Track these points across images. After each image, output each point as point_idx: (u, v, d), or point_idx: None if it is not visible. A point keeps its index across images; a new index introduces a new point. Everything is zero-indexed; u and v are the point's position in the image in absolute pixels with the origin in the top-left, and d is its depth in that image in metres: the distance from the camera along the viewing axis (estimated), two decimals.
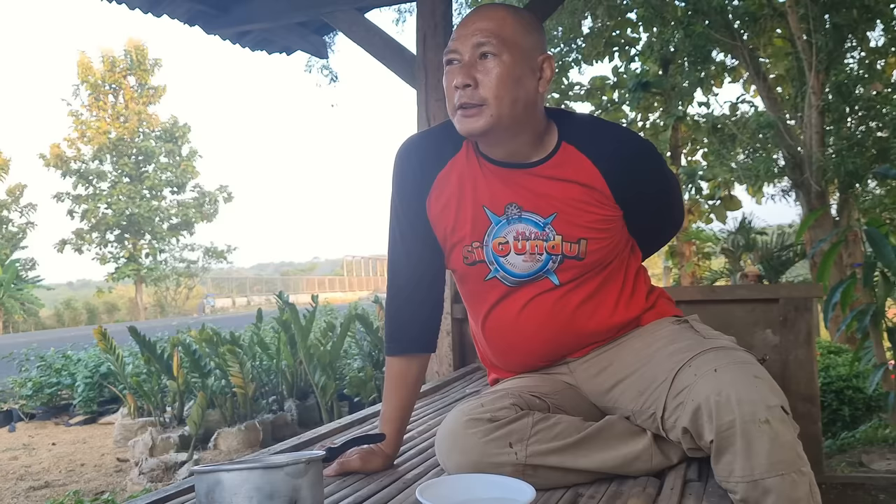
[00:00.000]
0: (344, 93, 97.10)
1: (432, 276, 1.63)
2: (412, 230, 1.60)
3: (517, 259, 1.53)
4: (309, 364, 5.37)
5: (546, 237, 1.51)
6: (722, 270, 12.63)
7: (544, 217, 1.50)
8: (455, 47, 1.43)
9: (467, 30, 1.42)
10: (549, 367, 1.65)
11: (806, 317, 2.90)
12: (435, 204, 1.57)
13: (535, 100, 1.46)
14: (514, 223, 1.52)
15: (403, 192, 1.60)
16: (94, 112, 27.93)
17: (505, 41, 1.40)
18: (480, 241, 1.55)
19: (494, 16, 1.42)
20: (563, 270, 1.53)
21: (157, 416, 5.39)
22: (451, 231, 1.58)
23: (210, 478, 1.18)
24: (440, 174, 1.56)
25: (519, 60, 1.41)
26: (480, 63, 1.40)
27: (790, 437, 1.23)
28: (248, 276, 47.29)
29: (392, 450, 1.65)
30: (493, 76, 1.39)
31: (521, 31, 1.43)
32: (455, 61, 1.43)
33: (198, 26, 3.89)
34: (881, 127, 8.62)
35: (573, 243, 1.50)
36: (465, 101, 1.41)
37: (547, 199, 1.50)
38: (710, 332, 1.52)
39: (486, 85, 1.40)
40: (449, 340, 3.31)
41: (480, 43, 1.40)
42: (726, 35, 9.05)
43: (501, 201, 1.52)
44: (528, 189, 1.51)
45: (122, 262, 27.86)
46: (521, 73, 1.42)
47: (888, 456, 3.68)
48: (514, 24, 1.43)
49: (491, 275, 1.57)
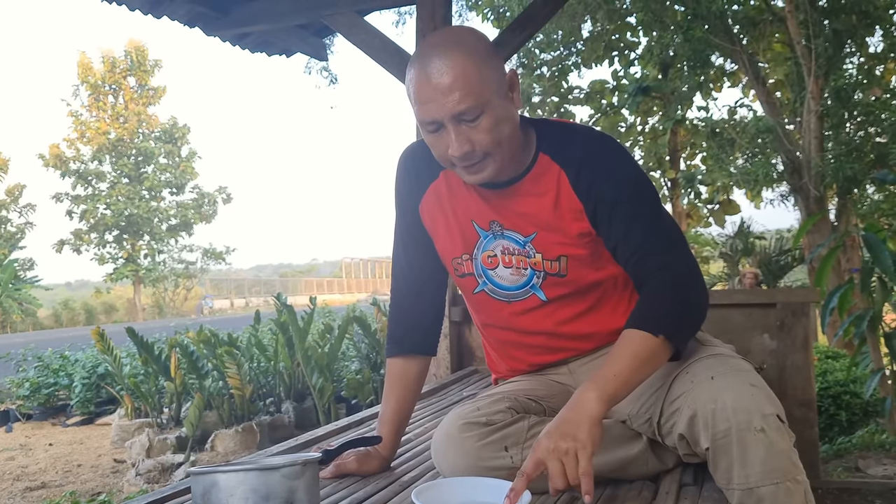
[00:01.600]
0: (343, 95, 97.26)
1: (433, 280, 1.64)
2: (411, 236, 1.62)
3: (506, 272, 1.53)
4: (306, 366, 5.37)
5: (528, 254, 1.50)
6: (720, 275, 12.64)
7: (525, 236, 1.49)
8: (434, 117, 1.33)
9: (438, 102, 1.31)
10: (550, 366, 1.65)
11: (803, 322, 2.90)
12: (427, 214, 1.58)
13: (517, 119, 1.42)
14: (499, 238, 1.52)
15: (401, 198, 1.62)
16: (94, 112, 27.93)
17: (480, 95, 1.31)
18: (470, 255, 1.55)
19: (459, 75, 1.30)
20: (548, 287, 1.52)
21: (154, 418, 5.39)
22: (442, 242, 1.59)
23: (206, 479, 1.19)
24: (433, 184, 1.56)
25: (496, 101, 1.34)
26: (466, 125, 1.33)
27: (785, 446, 1.23)
28: (247, 278, 47.25)
29: (389, 452, 1.66)
30: (486, 132, 1.33)
31: (485, 69, 1.33)
32: (438, 129, 1.35)
33: (198, 28, 3.89)
34: (880, 132, 8.63)
35: (553, 261, 1.49)
36: (468, 163, 1.36)
37: (526, 219, 1.48)
38: (709, 339, 1.52)
39: (482, 143, 1.34)
40: (447, 343, 3.31)
41: (460, 112, 1.31)
42: (726, 40, 9.06)
43: (486, 218, 1.51)
44: (508, 208, 1.49)
45: (120, 263, 27.84)
46: (502, 110, 1.36)
47: (884, 461, 3.68)
48: (475, 68, 1.31)
49: (479, 288, 1.57)
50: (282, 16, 3.80)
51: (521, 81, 10.31)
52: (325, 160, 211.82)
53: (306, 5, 3.71)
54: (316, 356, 5.37)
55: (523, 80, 12.03)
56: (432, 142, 1.38)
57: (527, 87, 12.04)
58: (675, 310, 1.33)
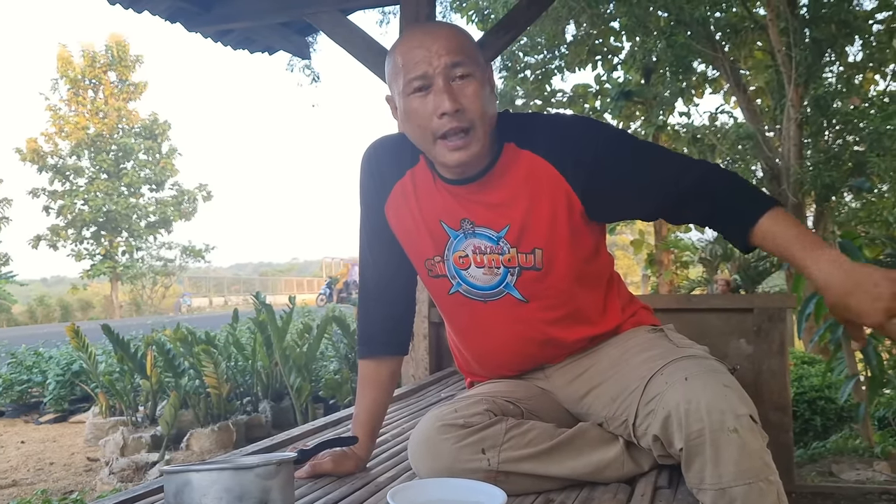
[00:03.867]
0: (325, 93, 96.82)
1: (399, 278, 1.62)
2: (377, 236, 1.60)
3: (478, 272, 1.51)
4: (284, 365, 5.34)
5: (501, 251, 1.47)
6: (699, 279, 12.72)
7: (497, 231, 1.46)
8: (423, 71, 1.31)
9: (430, 51, 1.32)
10: (526, 371, 1.65)
11: (780, 327, 2.93)
12: (393, 213, 1.56)
13: (496, 112, 1.42)
14: (470, 237, 1.49)
15: (365, 195, 1.60)
16: (73, 107, 27.61)
17: (474, 59, 1.35)
18: (441, 256, 1.53)
19: (454, 34, 1.35)
20: (524, 284, 1.49)
21: (129, 416, 5.34)
22: (410, 242, 1.56)
23: (179, 478, 1.17)
24: (398, 184, 1.54)
25: (484, 77, 1.37)
26: (457, 85, 1.32)
27: (758, 446, 1.23)
28: (226, 276, 46.95)
29: (365, 452, 1.65)
30: (475, 97, 1.33)
31: (476, 48, 1.39)
32: (425, 87, 1.33)
33: (179, 23, 3.86)
34: (858, 141, 8.74)
35: (528, 254, 1.46)
36: (455, 126, 1.33)
37: (498, 211, 1.45)
38: (684, 341, 1.52)
39: (471, 108, 1.32)
40: (426, 344, 3.30)
41: (455, 63, 1.31)
42: (708, 46, 9.14)
43: (456, 217, 1.49)
44: (479, 203, 1.46)
45: (97, 259, 27.52)
46: (489, 90, 1.38)
47: (857, 466, 3.72)
48: (470, 40, 1.38)
49: (453, 289, 1.55)
50: (264, 13, 3.78)
51: (504, 84, 10.31)
52: (306, 159, 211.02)
53: (289, 3, 3.69)
54: (294, 356, 5.35)
55: (507, 82, 12.06)
56: (417, 106, 1.35)
57: (510, 90, 12.06)
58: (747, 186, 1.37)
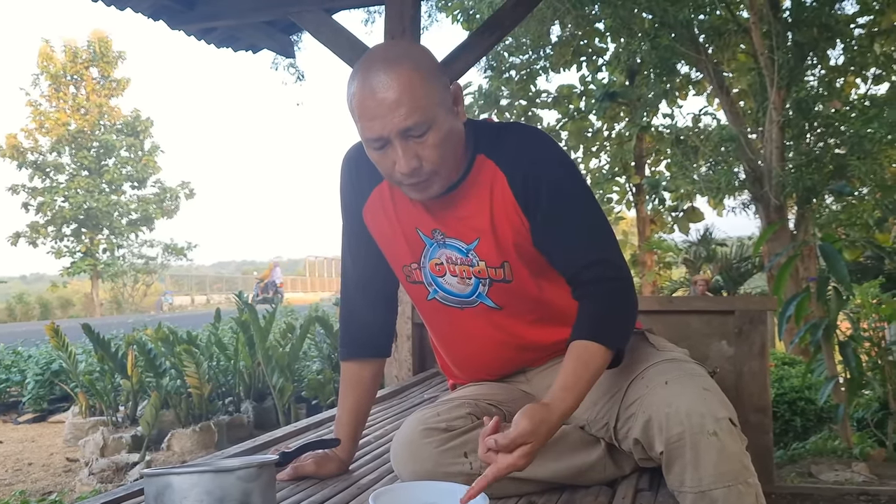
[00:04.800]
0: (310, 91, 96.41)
1: (380, 281, 1.62)
2: (356, 237, 1.60)
3: (453, 280, 1.51)
4: (267, 365, 5.31)
5: (471, 263, 1.48)
6: (682, 280, 12.80)
7: (467, 244, 1.47)
8: (379, 133, 1.29)
9: (385, 118, 1.27)
10: (508, 375, 1.66)
11: (760, 329, 2.95)
12: (371, 218, 1.56)
13: (463, 133, 1.40)
14: (442, 248, 1.50)
15: (345, 200, 1.60)
16: (54, 103, 27.32)
17: (426, 109, 1.28)
18: (418, 263, 1.53)
19: (405, 93, 1.27)
20: (496, 294, 1.50)
21: (109, 416, 5.29)
22: (388, 248, 1.57)
23: (160, 481, 1.16)
24: (375, 190, 1.53)
25: (443, 115, 1.32)
26: (414, 141, 1.30)
27: (737, 449, 1.25)
28: (209, 274, 46.66)
29: (347, 455, 1.64)
30: (433, 148, 1.31)
31: (430, 84, 1.30)
32: (383, 146, 1.32)
33: (162, 21, 3.83)
34: (839, 144, 8.82)
35: (497, 268, 1.47)
36: (413, 181, 1.34)
37: (467, 223, 1.45)
38: (664, 345, 1.53)
39: (429, 158, 1.31)
40: (409, 345, 3.30)
41: (407, 128, 1.27)
42: (691, 48, 9.19)
43: (428, 226, 1.49)
44: (449, 215, 1.46)
45: (78, 257, 27.24)
46: (449, 125, 1.33)
47: (836, 467, 3.75)
48: (422, 82, 1.28)
49: (430, 296, 1.56)
50: (249, 11, 3.77)
51: (489, 84, 10.29)
52: (290, 157, 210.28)
53: (274, 2, 3.67)
54: (277, 356, 5.32)
55: (492, 82, 12.07)
56: (378, 159, 1.35)
57: (495, 90, 12.08)
58: (616, 317, 1.36)
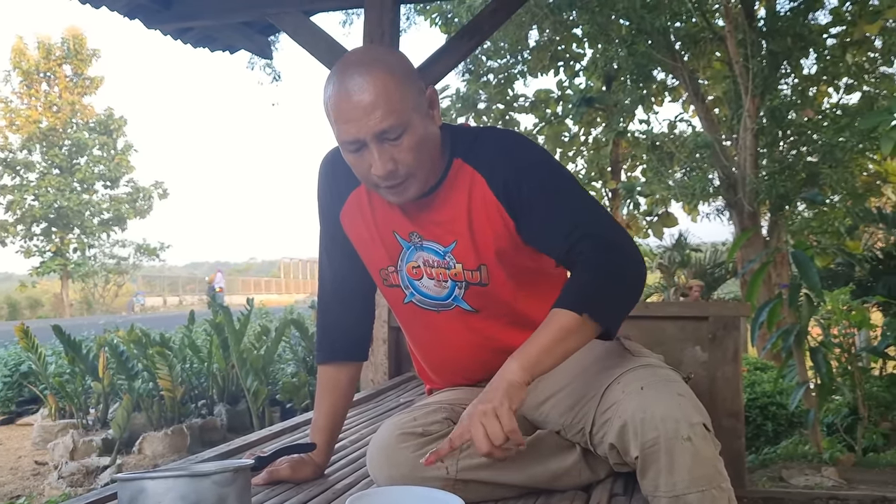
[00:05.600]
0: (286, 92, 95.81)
1: (357, 284, 1.62)
2: (335, 243, 1.60)
3: (430, 283, 1.52)
4: (241, 368, 5.28)
5: (447, 265, 1.48)
6: (657, 285, 12.91)
7: (444, 246, 1.47)
8: (355, 136, 1.30)
9: (360, 122, 1.29)
10: (483, 380, 1.66)
11: (734, 335, 2.98)
12: (348, 222, 1.56)
13: (438, 137, 1.41)
14: (419, 250, 1.50)
15: (322, 204, 1.60)
16: (26, 100, 26.97)
17: (401, 113, 1.29)
18: (395, 266, 1.53)
19: (380, 96, 1.28)
20: (471, 297, 1.50)
21: (79, 419, 5.22)
22: (366, 251, 1.57)
23: (133, 485, 1.15)
24: (353, 193, 1.53)
25: (418, 119, 1.33)
26: (389, 144, 1.31)
27: (711, 454, 1.26)
28: (182, 275, 46.23)
29: (322, 459, 1.64)
30: (409, 151, 1.32)
31: (405, 87, 1.32)
32: (359, 149, 1.33)
33: (138, 20, 3.79)
34: (811, 152, 8.95)
35: (474, 270, 1.48)
36: (390, 183, 1.35)
37: (444, 227, 1.46)
38: (640, 350, 1.54)
39: (405, 161, 1.32)
40: (385, 349, 3.29)
41: (383, 130, 1.29)
42: (668, 56, 9.28)
43: (406, 229, 1.49)
44: (426, 218, 1.47)
45: (48, 257, 26.89)
46: (424, 129, 1.34)
47: (807, 471, 3.80)
48: (396, 86, 1.30)
49: (407, 299, 1.56)
50: (226, 12, 3.74)
51: (467, 88, 10.30)
52: (266, 158, 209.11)
53: (251, 3, 3.66)
54: (251, 358, 5.29)
55: (469, 86, 12.10)
56: (353, 161, 1.36)
57: (472, 94, 12.11)
58: (604, 288, 1.30)
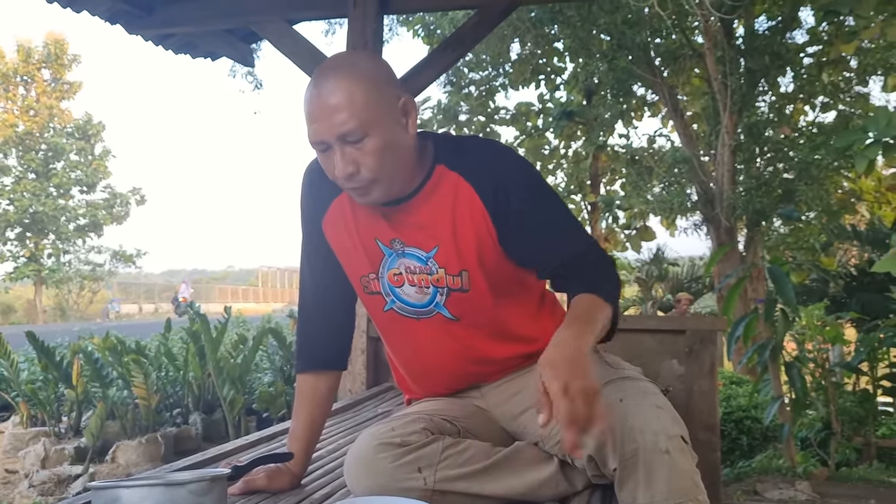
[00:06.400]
0: (267, 100, 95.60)
1: (337, 293, 1.62)
2: (316, 252, 1.61)
3: (411, 290, 1.52)
4: (218, 377, 5.23)
5: (430, 271, 1.49)
6: (634, 298, 12.99)
7: (426, 251, 1.48)
8: (321, 138, 1.34)
9: (326, 122, 1.32)
10: (462, 390, 1.66)
11: (710, 349, 3.00)
12: (330, 230, 1.57)
13: (411, 145, 1.42)
14: (401, 257, 1.51)
15: (304, 211, 1.61)
16: (2, 103, 26.66)
17: (364, 118, 1.32)
18: (376, 273, 1.54)
19: (342, 92, 1.32)
20: (452, 304, 1.51)
21: (51, 426, 5.15)
22: (347, 259, 1.57)
23: (108, 494, 1.14)
24: (335, 201, 1.55)
25: (385, 126, 1.34)
26: (352, 146, 1.33)
27: (688, 466, 1.27)
28: (158, 283, 45.77)
29: (300, 469, 1.63)
30: (371, 156, 1.34)
31: (374, 94, 1.34)
32: (327, 150, 1.36)
33: (119, 25, 3.77)
34: (788, 169, 9.07)
35: (455, 276, 1.48)
36: (351, 185, 1.38)
37: (426, 231, 1.47)
38: (618, 363, 1.55)
39: (368, 166, 1.34)
40: (363, 359, 3.27)
41: (344, 133, 1.31)
42: (647, 71, 9.37)
43: (387, 236, 1.50)
44: (408, 224, 1.48)
45: (21, 262, 26.53)
46: (391, 136, 1.36)
47: (781, 485, 3.83)
48: (363, 91, 1.32)
49: (388, 306, 1.56)
50: (208, 19, 3.73)
51: (448, 100, 10.31)
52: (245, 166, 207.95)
53: (234, 10, 3.65)
54: (228, 367, 5.25)
55: (451, 98, 12.14)
56: (323, 161, 1.39)
57: (454, 106, 12.15)
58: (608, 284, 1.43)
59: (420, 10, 8.36)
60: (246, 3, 3.70)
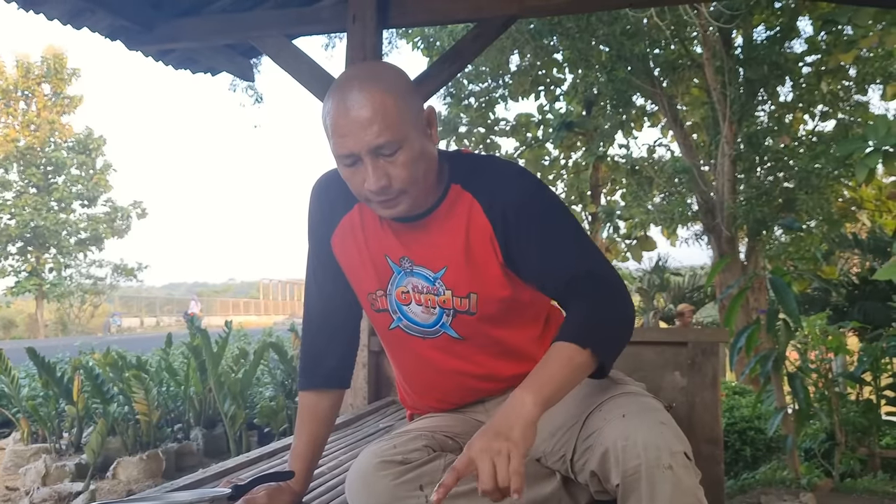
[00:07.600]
0: (268, 114, 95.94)
1: (344, 310, 1.62)
2: (323, 268, 1.60)
3: (418, 309, 1.52)
4: (219, 392, 5.22)
5: (437, 292, 1.49)
6: (636, 308, 12.97)
7: (434, 272, 1.48)
8: (351, 150, 1.32)
9: (357, 136, 1.30)
10: (466, 405, 1.65)
11: (713, 361, 2.98)
12: (340, 246, 1.56)
13: (436, 156, 1.43)
14: (409, 276, 1.50)
15: (313, 227, 1.60)
16: (3, 118, 26.75)
17: (398, 129, 1.31)
18: (384, 290, 1.53)
19: (378, 112, 1.30)
20: (459, 325, 1.50)
21: (52, 443, 5.13)
22: (355, 276, 1.57)
23: None
24: (345, 217, 1.54)
25: (415, 136, 1.34)
26: (385, 159, 1.32)
27: (691, 483, 1.26)
28: (159, 296, 45.77)
29: (301, 487, 1.61)
30: (403, 167, 1.33)
31: (403, 105, 1.33)
32: (354, 163, 1.34)
33: (119, 41, 3.78)
34: (788, 178, 9.08)
35: (463, 298, 1.48)
36: (383, 198, 1.35)
37: (437, 252, 1.47)
38: (622, 378, 1.54)
39: (399, 178, 1.33)
40: (365, 373, 3.26)
41: (378, 146, 1.30)
42: (647, 82, 9.40)
43: (397, 254, 1.50)
44: (419, 242, 1.48)
45: (23, 276, 26.54)
46: (420, 147, 1.35)
47: (785, 497, 3.81)
48: (394, 102, 1.31)
49: (394, 324, 1.56)
50: (208, 35, 3.74)
51: (448, 111, 10.35)
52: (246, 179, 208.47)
53: (234, 26, 3.66)
54: (229, 382, 5.23)
55: (451, 109, 12.17)
56: (348, 176, 1.37)
57: (454, 118, 12.18)
58: (603, 324, 1.32)
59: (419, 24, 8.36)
60: (245, 19, 3.71)
